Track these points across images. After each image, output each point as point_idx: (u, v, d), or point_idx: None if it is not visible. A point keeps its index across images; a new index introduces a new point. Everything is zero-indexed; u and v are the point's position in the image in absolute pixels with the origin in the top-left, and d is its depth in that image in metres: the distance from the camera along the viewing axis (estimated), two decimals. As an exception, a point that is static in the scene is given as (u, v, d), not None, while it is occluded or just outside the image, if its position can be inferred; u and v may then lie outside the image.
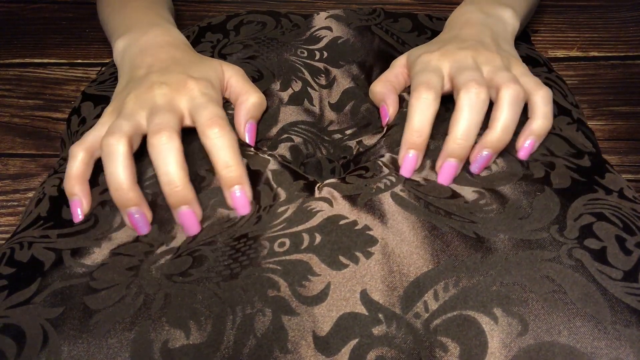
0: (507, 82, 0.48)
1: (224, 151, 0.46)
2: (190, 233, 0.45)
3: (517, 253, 0.41)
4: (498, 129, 0.47)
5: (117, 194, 0.45)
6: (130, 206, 0.45)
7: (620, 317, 0.38)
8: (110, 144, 0.45)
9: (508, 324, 0.38)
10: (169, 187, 0.44)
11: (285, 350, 0.39)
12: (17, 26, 0.89)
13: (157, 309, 0.40)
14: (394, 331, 0.39)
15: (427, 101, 0.47)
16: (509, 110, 0.47)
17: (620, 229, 0.44)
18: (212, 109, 0.48)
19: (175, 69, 0.53)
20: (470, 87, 0.47)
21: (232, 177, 0.46)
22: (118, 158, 0.45)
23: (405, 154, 0.48)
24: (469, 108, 0.46)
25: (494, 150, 0.47)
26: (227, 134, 0.46)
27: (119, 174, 0.44)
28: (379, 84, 0.58)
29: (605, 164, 0.52)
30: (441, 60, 0.52)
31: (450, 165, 0.47)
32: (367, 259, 0.42)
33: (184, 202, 0.45)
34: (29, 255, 0.44)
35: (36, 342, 0.39)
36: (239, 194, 0.46)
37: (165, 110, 0.48)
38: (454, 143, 0.46)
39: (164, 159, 0.44)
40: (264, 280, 0.41)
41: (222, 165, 0.45)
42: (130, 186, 0.45)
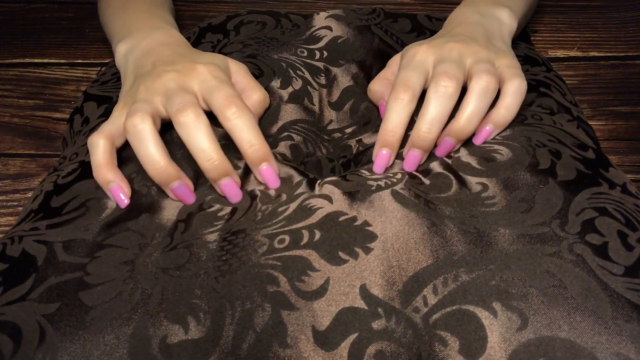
0: (480, 72, 0.49)
1: (246, 131, 0.46)
2: (233, 200, 0.47)
3: (517, 248, 0.41)
4: (462, 119, 0.48)
5: (156, 172, 0.45)
6: (173, 180, 0.46)
7: (621, 312, 0.38)
8: (135, 124, 0.45)
9: (508, 319, 0.38)
10: (209, 163, 0.45)
11: (284, 345, 0.39)
12: (17, 26, 0.89)
13: (155, 304, 0.40)
14: (394, 325, 0.39)
15: (403, 102, 0.49)
16: (476, 101, 0.48)
17: (622, 224, 0.43)
18: (225, 90, 0.48)
19: (181, 60, 0.53)
20: (439, 80, 0.48)
21: (259, 155, 0.47)
22: (147, 137, 0.45)
23: (378, 151, 0.50)
24: (435, 101, 0.47)
25: (457, 139, 0.49)
26: (246, 113, 0.46)
27: (153, 153, 0.45)
28: (377, 82, 0.58)
29: (608, 159, 0.51)
30: (426, 54, 0.53)
31: (413, 155, 0.49)
32: (367, 254, 0.42)
33: (224, 173, 0.46)
34: (19, 250, 0.44)
35: (33, 339, 0.38)
36: (266, 168, 0.47)
37: (180, 91, 0.48)
38: (418, 135, 0.48)
39: (196, 136, 0.45)
40: (264, 276, 0.41)
41: (247, 144, 0.46)
42: (168, 161, 0.45)
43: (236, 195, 0.46)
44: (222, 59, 0.55)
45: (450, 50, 0.52)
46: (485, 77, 0.48)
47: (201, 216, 0.45)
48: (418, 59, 0.52)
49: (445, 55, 0.52)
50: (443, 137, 0.49)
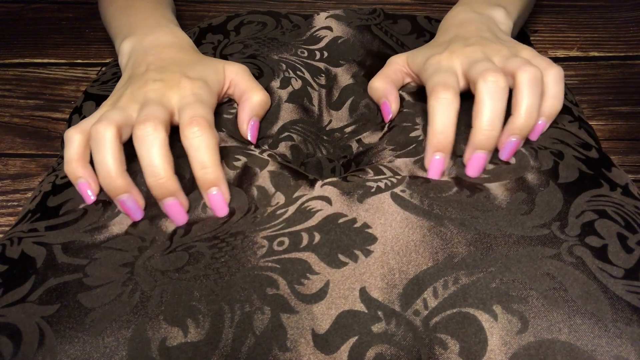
0: (521, 65, 0.47)
1: (201, 151, 0.45)
2: (178, 223, 0.45)
3: (517, 250, 0.41)
4: (522, 114, 0.46)
5: (105, 181, 0.45)
6: (120, 193, 0.45)
7: (621, 315, 0.38)
8: (98, 131, 0.45)
9: (508, 321, 0.38)
10: (153, 179, 0.44)
11: (284, 348, 0.39)
12: (17, 26, 0.89)
13: (154, 307, 0.40)
14: (394, 328, 0.39)
15: (447, 101, 0.47)
16: (530, 93, 0.46)
17: (622, 227, 0.43)
18: (196, 108, 0.47)
19: (172, 68, 0.53)
20: (487, 75, 0.46)
21: (209, 179, 0.45)
22: (106, 145, 0.44)
23: (431, 157, 0.47)
24: (490, 97, 0.46)
25: (521, 136, 0.47)
26: (207, 133, 0.45)
27: (107, 161, 0.44)
28: (379, 80, 0.58)
29: (610, 159, 0.51)
30: (451, 59, 0.52)
31: (478, 157, 0.47)
32: (366, 257, 0.42)
33: (168, 193, 0.44)
34: (19, 252, 0.44)
35: (32, 341, 0.38)
36: (215, 194, 0.46)
37: (155, 103, 0.48)
38: (481, 134, 0.46)
39: (148, 150, 0.44)
40: (263, 279, 0.41)
41: (198, 165, 0.45)
42: (119, 173, 0.44)
43: (180, 218, 0.45)
44: (217, 70, 0.55)
45: (474, 53, 0.51)
46: (529, 68, 0.47)
47: (202, 222, 0.45)
48: (445, 64, 0.51)
49: (471, 57, 0.51)
50: (507, 137, 0.47)
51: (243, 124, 0.53)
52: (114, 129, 0.45)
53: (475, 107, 0.46)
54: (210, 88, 0.52)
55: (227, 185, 0.47)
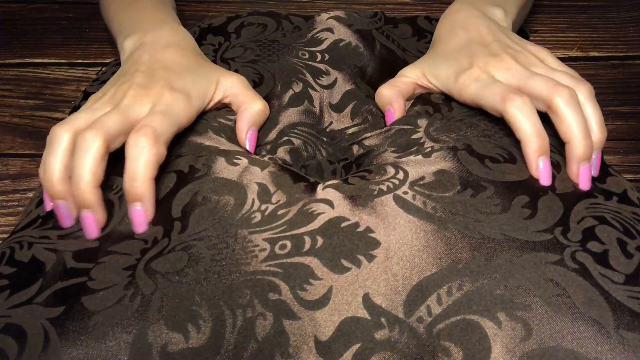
0: (574, 82, 0.48)
1: (135, 163, 0.45)
2: (89, 236, 0.45)
3: (521, 255, 0.41)
4: (596, 128, 0.47)
5: (47, 184, 0.45)
6: (57, 198, 0.45)
7: (623, 321, 0.38)
8: (56, 134, 0.46)
9: (512, 329, 0.38)
10: (74, 188, 0.44)
11: (286, 355, 0.38)
12: (17, 26, 0.89)
13: (155, 311, 0.40)
14: (397, 335, 0.39)
15: (527, 105, 0.47)
16: (594, 108, 0.48)
17: (621, 233, 0.43)
18: (155, 120, 0.47)
19: (160, 74, 0.53)
20: (561, 92, 0.47)
21: (135, 193, 0.45)
22: (57, 149, 0.45)
23: (537, 162, 0.47)
24: (573, 109, 0.46)
25: (600, 150, 0.48)
26: (149, 147, 0.45)
27: (53, 165, 0.45)
28: (387, 88, 0.58)
29: (607, 167, 0.52)
30: (489, 72, 0.52)
31: (586, 169, 0.47)
32: (370, 262, 0.42)
33: (83, 205, 0.45)
34: (29, 256, 0.44)
35: (37, 342, 0.38)
36: (138, 209, 0.45)
37: (119, 111, 0.48)
38: (581, 146, 0.46)
39: (81, 156, 0.44)
40: (265, 283, 0.41)
41: (128, 177, 0.45)
42: (60, 179, 0.45)
43: (91, 231, 0.45)
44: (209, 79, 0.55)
45: (508, 63, 0.52)
46: (583, 85, 0.48)
47: (196, 213, 0.45)
48: (485, 78, 0.52)
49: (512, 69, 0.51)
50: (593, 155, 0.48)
51: (241, 133, 0.54)
52: (70, 133, 0.46)
53: (563, 123, 0.47)
54: (190, 103, 0.52)
55: (153, 203, 0.46)
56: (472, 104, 0.53)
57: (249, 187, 0.47)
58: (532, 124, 0.47)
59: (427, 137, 0.51)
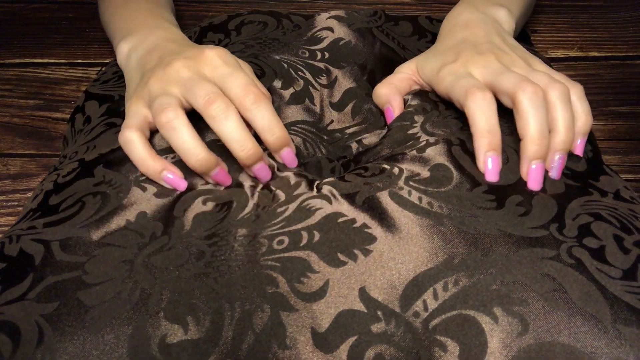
0: (550, 82, 0.47)
1: (266, 120, 0.47)
2: (265, 180, 0.48)
3: (517, 251, 0.41)
4: (562, 130, 0.47)
5: (198, 163, 0.46)
6: (214, 168, 0.47)
7: (621, 315, 0.38)
8: (169, 119, 0.46)
9: (508, 324, 0.38)
10: (243, 152, 0.46)
11: (283, 346, 0.39)
12: (17, 26, 0.89)
13: (154, 305, 0.40)
14: (393, 329, 0.39)
15: (486, 100, 0.47)
16: (565, 109, 0.47)
17: (617, 229, 0.43)
18: (239, 77, 0.48)
19: (187, 49, 0.53)
20: (526, 87, 0.46)
21: (279, 143, 0.48)
22: (184, 130, 0.46)
23: (484, 158, 0.47)
24: (534, 107, 0.46)
25: (565, 151, 0.47)
26: (263, 100, 0.47)
27: (193, 145, 0.46)
28: (384, 86, 0.58)
29: (602, 165, 0.51)
30: (467, 67, 0.52)
31: (538, 168, 0.46)
32: (366, 256, 0.42)
33: (258, 159, 0.47)
34: (17, 249, 0.44)
35: (32, 339, 0.38)
36: (287, 152, 0.49)
37: (199, 80, 0.48)
38: (534, 144, 0.46)
39: (229, 127, 0.46)
40: (263, 277, 0.41)
41: (269, 133, 0.48)
42: (206, 151, 0.46)
43: (266, 176, 0.48)
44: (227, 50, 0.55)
45: (490, 62, 0.51)
46: (559, 86, 0.47)
47: (199, 215, 0.45)
48: (462, 72, 0.52)
49: (490, 66, 0.51)
50: (552, 156, 0.47)
51: None
52: (182, 112, 0.46)
53: (521, 119, 0.46)
54: (232, 55, 0.52)
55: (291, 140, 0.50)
56: (446, 97, 0.53)
57: (250, 192, 0.47)
58: (486, 119, 0.47)
59: (422, 131, 0.51)
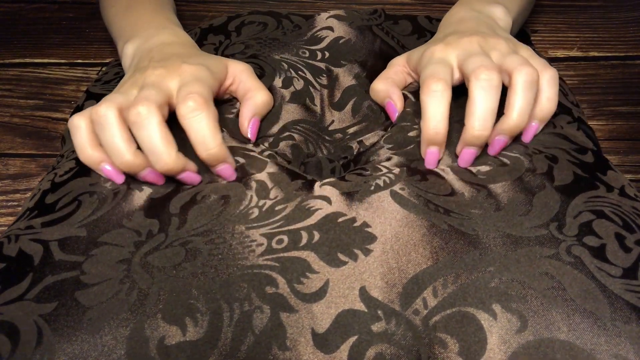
0: (519, 65, 0.47)
1: (199, 131, 0.46)
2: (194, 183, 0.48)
3: (516, 250, 0.41)
4: (514, 115, 0.46)
5: (120, 160, 0.46)
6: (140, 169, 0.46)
7: (620, 313, 0.38)
8: (99, 113, 0.46)
9: (507, 320, 0.38)
10: (160, 164, 0.45)
11: (283, 347, 0.38)
12: (17, 26, 0.89)
13: (152, 305, 0.40)
14: (393, 328, 0.39)
15: (438, 93, 0.47)
16: (524, 95, 0.46)
17: (619, 227, 0.43)
18: (193, 86, 0.48)
19: (174, 58, 0.53)
20: (480, 73, 0.46)
21: (215, 158, 0.47)
22: (111, 124, 0.45)
23: (426, 149, 0.48)
24: (482, 95, 0.46)
25: (510, 136, 0.48)
26: (203, 109, 0.46)
27: (117, 140, 0.45)
28: (381, 82, 0.57)
29: (607, 162, 0.51)
30: (446, 51, 0.52)
31: (469, 152, 0.48)
32: (366, 256, 0.42)
33: (181, 170, 0.46)
34: (16, 249, 0.44)
35: (30, 339, 0.38)
36: (224, 167, 0.48)
37: (152, 87, 0.48)
38: (471, 134, 0.46)
39: (147, 134, 0.45)
40: (262, 277, 0.41)
41: (201, 148, 0.46)
42: (132, 149, 0.46)
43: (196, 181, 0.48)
44: (219, 62, 0.55)
45: (470, 44, 0.51)
46: (527, 69, 0.46)
47: (195, 210, 0.45)
48: (439, 56, 0.52)
49: (467, 49, 0.51)
50: (495, 135, 0.48)
51: (244, 121, 0.54)
52: (115, 109, 0.46)
53: (468, 104, 0.46)
54: (211, 72, 0.52)
55: (231, 155, 0.48)
56: None
57: (248, 185, 0.47)
58: (434, 116, 0.47)
59: None
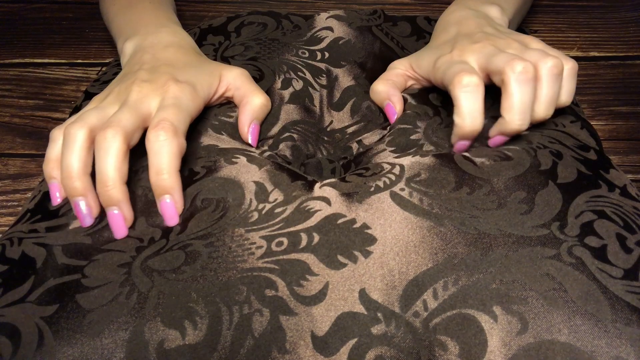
0: (543, 57, 0.47)
1: (159, 156, 0.45)
2: (116, 235, 0.44)
3: (517, 250, 0.41)
4: (544, 105, 0.47)
5: (65, 182, 0.45)
6: (76, 196, 0.45)
7: (621, 315, 0.38)
8: (69, 132, 0.45)
9: (508, 323, 0.38)
10: (100, 186, 0.44)
11: (283, 350, 0.38)
12: (17, 26, 0.89)
13: (151, 308, 0.40)
14: (393, 330, 0.39)
15: (472, 88, 0.47)
16: (552, 86, 0.47)
17: (620, 227, 0.43)
18: (169, 113, 0.47)
19: (163, 69, 0.53)
20: (515, 65, 0.46)
21: (163, 186, 0.45)
22: (74, 146, 0.45)
23: (457, 140, 0.49)
24: (520, 86, 0.46)
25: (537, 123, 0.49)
26: (170, 139, 0.45)
27: (71, 162, 0.45)
28: (381, 83, 0.57)
29: (609, 161, 0.51)
30: (463, 56, 0.52)
31: (501, 139, 0.49)
32: (366, 257, 0.42)
33: (110, 203, 0.44)
34: (19, 252, 0.44)
35: (32, 341, 0.38)
36: (168, 201, 0.45)
37: (130, 107, 0.47)
38: (511, 126, 0.46)
39: (102, 157, 0.44)
40: (262, 280, 0.41)
41: (154, 170, 0.45)
42: (79, 175, 0.45)
43: (119, 230, 0.44)
44: (212, 73, 0.55)
45: (485, 47, 0.51)
46: (553, 60, 0.46)
47: (196, 218, 0.45)
48: (458, 59, 0.51)
49: (486, 51, 0.51)
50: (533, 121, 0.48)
51: (244, 127, 0.53)
52: (85, 131, 0.45)
53: (505, 98, 0.46)
54: (196, 93, 0.52)
55: (182, 194, 0.46)
56: (441, 86, 0.53)
57: (247, 187, 0.47)
58: (470, 108, 0.47)
59: (426, 139, 0.51)
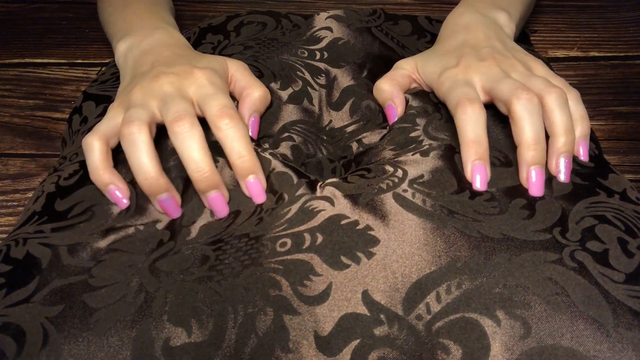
0: (547, 87, 0.47)
1: (237, 142, 0.46)
2: (220, 216, 0.46)
3: (520, 254, 0.41)
4: (562, 132, 0.47)
5: (146, 182, 0.45)
6: (161, 192, 0.46)
7: (623, 320, 0.38)
8: (131, 132, 0.45)
9: (511, 327, 0.38)
10: (198, 174, 0.45)
11: (286, 349, 0.39)
12: (17, 26, 0.89)
13: (158, 307, 0.40)
14: (396, 332, 0.39)
15: (475, 113, 0.47)
16: (563, 113, 0.47)
17: (622, 232, 0.43)
18: (220, 98, 0.48)
19: (179, 61, 0.53)
20: (521, 94, 0.46)
21: (247, 167, 0.46)
22: (142, 147, 0.45)
23: (471, 167, 0.47)
24: (530, 114, 0.46)
25: (569, 153, 0.47)
26: (238, 124, 0.46)
27: (145, 163, 0.45)
28: (386, 82, 0.57)
29: (608, 165, 0.51)
30: (467, 74, 0.52)
31: (537, 174, 0.46)
32: (369, 259, 0.42)
33: (213, 186, 0.46)
34: (24, 252, 0.44)
35: (36, 341, 0.39)
36: (253, 181, 0.47)
37: (177, 97, 0.48)
38: (532, 150, 0.46)
39: (189, 146, 0.45)
40: (266, 280, 0.41)
41: (236, 155, 0.46)
42: (159, 173, 0.45)
43: (222, 209, 0.47)
44: (220, 62, 0.55)
45: (490, 69, 0.51)
46: (557, 90, 0.47)
47: (207, 225, 0.46)
48: (462, 78, 0.52)
49: (489, 73, 0.51)
50: (557, 160, 0.47)
51: (244, 119, 0.53)
52: (146, 128, 0.46)
53: (517, 126, 0.46)
54: (221, 76, 0.53)
55: (263, 171, 0.48)
56: (443, 101, 0.53)
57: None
58: (472, 130, 0.47)
59: (425, 135, 0.51)
